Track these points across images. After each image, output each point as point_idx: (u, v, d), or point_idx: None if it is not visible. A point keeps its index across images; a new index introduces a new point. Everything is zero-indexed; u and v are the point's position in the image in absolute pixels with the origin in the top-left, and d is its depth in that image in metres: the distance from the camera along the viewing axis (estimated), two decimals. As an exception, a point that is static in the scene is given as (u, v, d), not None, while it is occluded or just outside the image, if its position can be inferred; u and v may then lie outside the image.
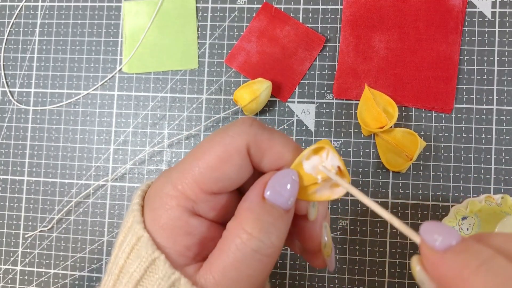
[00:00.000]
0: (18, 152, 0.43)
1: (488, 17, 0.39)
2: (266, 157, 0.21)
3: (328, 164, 0.20)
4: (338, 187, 0.20)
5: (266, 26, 0.41)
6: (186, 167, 0.20)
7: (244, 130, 0.20)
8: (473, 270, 0.15)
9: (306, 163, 0.20)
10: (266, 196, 0.20)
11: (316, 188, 0.20)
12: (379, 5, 0.40)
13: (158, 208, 0.20)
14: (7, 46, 0.44)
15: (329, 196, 0.20)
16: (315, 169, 0.20)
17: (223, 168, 0.20)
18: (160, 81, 0.42)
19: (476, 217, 0.36)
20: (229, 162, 0.20)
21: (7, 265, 0.43)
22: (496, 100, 0.39)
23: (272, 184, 0.20)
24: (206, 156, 0.20)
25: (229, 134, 0.20)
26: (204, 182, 0.20)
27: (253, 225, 0.19)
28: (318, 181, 0.20)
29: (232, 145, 0.20)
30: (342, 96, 0.40)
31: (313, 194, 0.20)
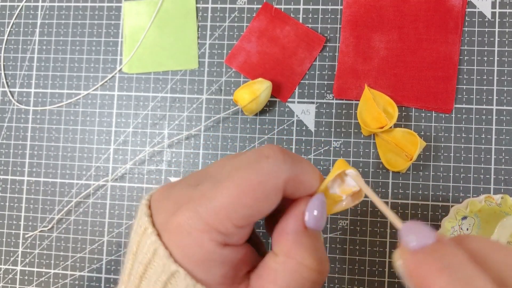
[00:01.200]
0: (18, 152, 0.43)
1: (488, 17, 0.39)
2: (299, 191, 0.21)
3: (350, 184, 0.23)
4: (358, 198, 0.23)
5: (266, 26, 0.41)
6: (217, 203, 0.19)
7: (280, 168, 0.20)
8: (437, 271, 0.16)
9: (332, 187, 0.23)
10: (308, 224, 0.21)
11: (338, 205, 0.23)
12: (379, 5, 0.40)
13: (189, 244, 0.20)
14: (7, 46, 0.44)
15: (346, 205, 0.23)
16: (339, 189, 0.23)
17: (258, 206, 0.20)
18: (160, 81, 0.42)
19: (476, 217, 0.36)
20: (266, 201, 0.20)
21: (7, 265, 0.43)
22: (496, 100, 0.39)
23: (311, 212, 0.21)
24: (243, 195, 0.19)
25: (265, 172, 0.20)
26: (238, 219, 0.20)
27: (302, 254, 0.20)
28: (343, 199, 0.23)
29: (270, 185, 0.20)
30: (342, 96, 0.40)
31: (334, 209, 0.24)
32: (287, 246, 0.21)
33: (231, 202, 0.19)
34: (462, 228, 0.37)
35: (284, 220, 0.22)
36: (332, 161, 0.40)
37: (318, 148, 0.40)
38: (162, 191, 0.22)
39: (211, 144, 0.41)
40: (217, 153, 0.41)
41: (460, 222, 0.37)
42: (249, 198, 0.19)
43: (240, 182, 0.19)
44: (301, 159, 0.22)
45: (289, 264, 0.20)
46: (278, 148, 0.21)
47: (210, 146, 0.41)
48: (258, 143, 0.41)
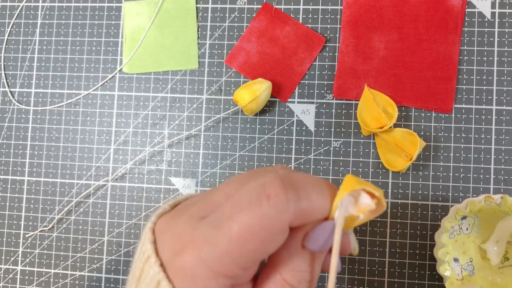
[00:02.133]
0: (19, 152, 0.43)
1: (487, 18, 0.39)
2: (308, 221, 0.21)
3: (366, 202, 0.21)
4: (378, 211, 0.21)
5: (266, 27, 0.41)
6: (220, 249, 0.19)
7: (284, 210, 0.19)
8: None
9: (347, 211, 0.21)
10: (307, 246, 0.21)
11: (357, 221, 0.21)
12: (379, 6, 0.40)
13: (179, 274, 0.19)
14: (8, 46, 0.44)
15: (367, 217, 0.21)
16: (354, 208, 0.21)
17: (263, 248, 0.19)
18: (160, 81, 0.42)
19: (476, 217, 0.36)
20: (271, 243, 0.19)
21: (7, 265, 0.43)
22: (495, 100, 0.39)
23: (313, 237, 0.21)
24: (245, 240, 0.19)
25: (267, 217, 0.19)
26: (244, 262, 0.19)
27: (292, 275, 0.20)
28: (361, 218, 0.21)
29: (274, 229, 0.19)
30: (342, 96, 0.40)
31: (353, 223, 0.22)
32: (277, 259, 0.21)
33: (234, 247, 0.19)
34: (462, 228, 0.37)
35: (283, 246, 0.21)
36: (332, 161, 0.40)
37: (318, 148, 0.40)
38: (166, 221, 0.22)
39: (211, 144, 0.41)
40: (217, 153, 0.41)
41: (460, 222, 0.37)
42: (252, 243, 0.19)
43: (241, 227, 0.19)
44: (305, 184, 0.20)
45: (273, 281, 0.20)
46: (280, 185, 0.19)
47: (210, 146, 0.41)
48: (258, 143, 0.41)
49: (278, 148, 0.40)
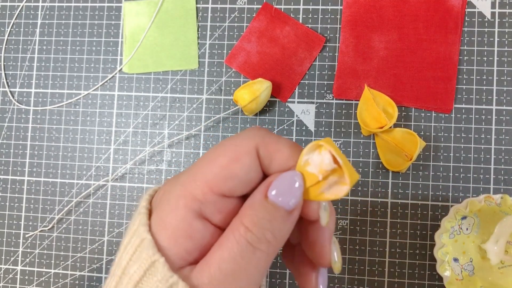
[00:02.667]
0: (19, 152, 0.43)
1: (487, 18, 0.39)
2: (274, 159, 0.21)
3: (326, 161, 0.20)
4: (343, 185, 0.20)
5: (266, 27, 0.41)
6: (197, 170, 0.21)
7: (254, 133, 0.21)
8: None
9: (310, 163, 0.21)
10: (269, 196, 0.20)
11: (322, 188, 0.21)
12: (379, 6, 0.40)
13: (164, 209, 0.20)
14: (8, 46, 0.44)
15: (336, 195, 0.20)
16: (317, 168, 0.20)
17: (233, 167, 0.20)
18: (160, 81, 0.42)
19: (476, 217, 0.37)
20: (239, 161, 0.20)
21: (7, 265, 0.43)
22: (495, 100, 0.39)
23: (276, 185, 0.20)
24: (218, 158, 0.21)
25: (239, 137, 0.21)
26: (214, 181, 0.20)
27: (250, 219, 0.20)
28: (319, 179, 0.20)
29: (242, 146, 0.21)
30: (342, 96, 0.40)
31: (321, 194, 0.21)
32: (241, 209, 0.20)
33: (206, 166, 0.20)
34: (462, 228, 0.37)
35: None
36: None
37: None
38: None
39: (211, 144, 0.41)
40: (217, 153, 0.41)
41: (460, 222, 0.37)
42: (222, 158, 0.20)
43: (215, 150, 0.21)
44: (280, 136, 0.22)
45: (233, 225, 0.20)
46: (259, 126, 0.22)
47: (210, 146, 0.41)
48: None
49: (278, 148, 0.40)
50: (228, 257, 0.19)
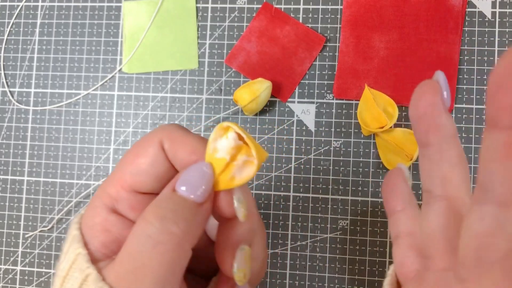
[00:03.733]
0: (18, 152, 0.43)
1: (488, 17, 0.39)
2: (179, 152, 0.21)
3: (231, 142, 0.19)
4: (252, 164, 0.19)
5: (266, 26, 0.41)
6: (114, 171, 0.21)
7: (161, 128, 0.21)
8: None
9: (218, 149, 0.20)
10: (177, 188, 0.19)
11: (232, 173, 0.20)
12: (379, 5, 0.40)
13: (87, 210, 0.21)
14: (7, 46, 0.44)
15: (247, 176, 0.19)
16: (225, 151, 0.19)
17: (137, 161, 0.21)
18: (160, 81, 0.42)
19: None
20: (143, 155, 0.21)
21: (7, 265, 0.43)
22: (496, 100, 0.39)
23: (184, 177, 0.19)
24: (126, 156, 0.21)
25: (147, 134, 0.21)
26: (122, 178, 0.21)
27: (152, 211, 0.19)
28: (227, 160, 0.19)
29: (146, 141, 0.21)
30: (342, 96, 0.40)
31: (232, 180, 0.20)
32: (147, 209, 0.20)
33: (120, 165, 0.21)
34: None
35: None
36: (332, 161, 0.40)
37: (318, 148, 0.40)
38: None
39: (211, 144, 0.41)
40: (217, 153, 0.41)
41: (460, 222, 0.37)
42: (129, 155, 0.21)
43: (129, 149, 0.22)
44: (190, 132, 0.21)
45: (135, 227, 0.19)
46: (168, 124, 0.22)
47: (210, 146, 0.41)
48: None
49: (278, 148, 0.40)
50: (128, 253, 0.18)
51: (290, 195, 0.40)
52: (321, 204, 0.39)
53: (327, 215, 0.39)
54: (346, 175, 0.39)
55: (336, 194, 0.39)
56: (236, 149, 0.19)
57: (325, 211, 0.39)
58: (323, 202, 0.39)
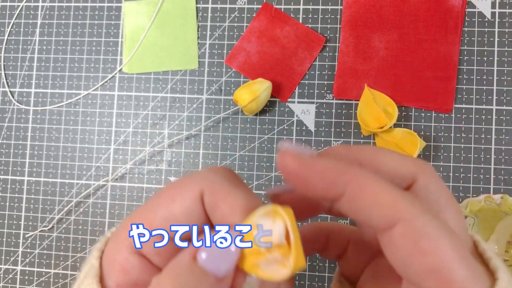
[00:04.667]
0: (19, 152, 0.43)
1: (487, 17, 0.39)
2: (217, 209, 0.19)
3: (276, 233, 0.17)
4: (284, 267, 0.17)
5: (266, 26, 0.41)
6: (141, 209, 0.20)
7: (205, 175, 0.19)
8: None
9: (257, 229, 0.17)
10: (198, 258, 0.17)
11: (261, 261, 0.17)
12: (379, 6, 0.40)
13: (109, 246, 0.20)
14: (8, 46, 0.44)
15: (271, 276, 0.17)
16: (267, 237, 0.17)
17: (171, 207, 0.19)
18: (160, 81, 0.42)
19: (476, 217, 0.36)
20: (179, 202, 0.19)
21: (7, 265, 0.43)
22: (495, 100, 0.39)
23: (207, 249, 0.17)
24: (159, 197, 0.19)
25: (187, 177, 0.20)
26: (153, 220, 0.19)
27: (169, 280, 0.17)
28: (262, 250, 0.17)
29: (186, 186, 0.19)
30: (342, 96, 0.40)
31: (256, 267, 0.17)
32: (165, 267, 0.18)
33: (150, 205, 0.20)
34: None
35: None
36: (332, 161, 0.40)
37: (318, 148, 0.40)
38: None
39: (211, 144, 0.41)
40: (217, 153, 0.41)
41: (460, 222, 0.37)
42: (163, 197, 0.19)
43: (163, 189, 0.20)
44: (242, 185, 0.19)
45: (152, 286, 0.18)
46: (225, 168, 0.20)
47: (210, 146, 0.41)
48: (258, 143, 0.41)
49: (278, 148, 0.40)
50: None
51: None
52: (321, 204, 0.39)
53: (327, 215, 0.39)
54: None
55: (336, 194, 0.39)
56: (277, 246, 0.17)
57: (325, 211, 0.39)
58: (323, 202, 0.39)
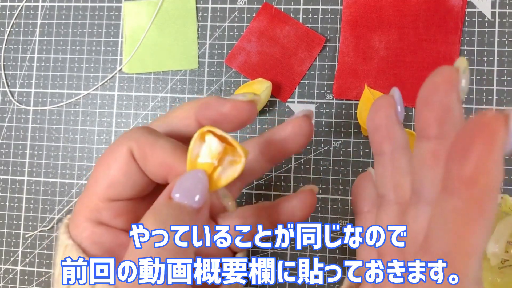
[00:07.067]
0: (18, 152, 0.43)
1: (487, 18, 0.39)
2: (148, 162, 0.20)
3: (214, 145, 0.19)
4: (237, 163, 0.19)
5: (266, 26, 0.41)
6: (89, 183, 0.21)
7: (129, 135, 0.21)
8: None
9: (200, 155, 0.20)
10: (173, 196, 0.19)
11: (218, 173, 0.20)
12: (379, 5, 0.40)
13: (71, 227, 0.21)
14: (7, 46, 0.44)
15: (232, 175, 0.20)
16: (208, 155, 0.19)
17: (109, 173, 0.20)
18: (160, 81, 0.42)
19: (476, 217, 0.36)
20: (113, 166, 0.20)
21: (7, 265, 0.43)
22: (495, 100, 0.39)
23: (179, 184, 0.19)
24: (97, 166, 0.21)
25: (116, 140, 0.21)
26: (98, 191, 0.20)
27: (150, 218, 0.18)
28: (215, 164, 0.19)
29: (115, 150, 0.20)
30: (342, 96, 0.40)
31: (219, 180, 0.20)
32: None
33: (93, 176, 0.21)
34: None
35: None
36: (332, 161, 0.40)
37: (318, 148, 0.40)
38: None
39: (211, 144, 0.41)
40: (217, 153, 0.41)
41: (460, 222, 0.37)
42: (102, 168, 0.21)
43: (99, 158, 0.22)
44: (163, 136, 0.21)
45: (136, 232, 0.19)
46: (144, 126, 0.22)
47: (210, 146, 0.41)
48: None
49: (278, 148, 0.40)
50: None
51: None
52: (321, 204, 0.39)
53: (327, 215, 0.39)
54: (346, 175, 0.39)
55: (336, 194, 0.39)
56: (222, 152, 0.20)
57: (325, 211, 0.39)
58: (323, 202, 0.39)
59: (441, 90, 0.17)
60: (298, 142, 0.24)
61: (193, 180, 0.19)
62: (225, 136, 0.19)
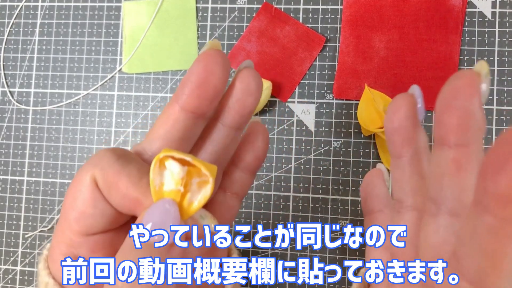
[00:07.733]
0: (18, 152, 0.43)
1: (488, 17, 0.39)
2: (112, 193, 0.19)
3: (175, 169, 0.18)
4: (206, 183, 0.18)
5: (266, 26, 0.41)
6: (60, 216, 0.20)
7: (92, 161, 0.19)
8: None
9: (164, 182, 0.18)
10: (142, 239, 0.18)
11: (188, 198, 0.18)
12: (379, 5, 0.40)
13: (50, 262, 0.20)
14: (7, 46, 0.44)
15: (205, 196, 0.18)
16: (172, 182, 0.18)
17: (76, 206, 0.19)
18: (160, 81, 0.42)
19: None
20: (79, 198, 0.19)
21: (7, 265, 0.42)
22: (496, 100, 0.39)
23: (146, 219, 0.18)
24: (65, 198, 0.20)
25: (80, 169, 0.19)
26: (70, 226, 0.19)
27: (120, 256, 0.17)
28: (182, 191, 0.18)
29: (79, 180, 0.19)
30: (342, 96, 0.40)
31: (190, 206, 0.18)
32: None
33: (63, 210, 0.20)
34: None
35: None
36: (332, 161, 0.40)
37: (318, 148, 0.40)
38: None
39: (211, 144, 0.41)
40: (217, 153, 0.41)
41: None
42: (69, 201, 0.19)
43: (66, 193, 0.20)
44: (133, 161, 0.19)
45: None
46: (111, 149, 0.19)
47: (210, 146, 0.41)
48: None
49: (278, 148, 0.40)
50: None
51: (290, 195, 0.40)
52: (321, 204, 0.39)
53: (327, 215, 0.39)
54: (346, 175, 0.39)
55: (336, 194, 0.39)
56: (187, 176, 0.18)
57: (325, 211, 0.39)
58: (323, 202, 0.39)
59: (463, 94, 0.16)
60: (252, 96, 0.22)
61: (160, 213, 0.18)
62: (185, 159, 0.17)
